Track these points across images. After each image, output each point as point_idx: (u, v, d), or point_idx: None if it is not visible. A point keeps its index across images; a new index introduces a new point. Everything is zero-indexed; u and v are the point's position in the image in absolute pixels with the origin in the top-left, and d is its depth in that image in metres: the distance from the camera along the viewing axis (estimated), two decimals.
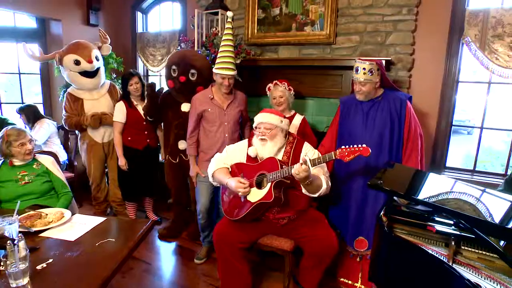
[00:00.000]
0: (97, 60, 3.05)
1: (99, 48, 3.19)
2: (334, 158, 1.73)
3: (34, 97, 4.38)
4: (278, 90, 2.57)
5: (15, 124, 3.65)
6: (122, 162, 2.90)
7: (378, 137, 2.15)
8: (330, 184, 1.95)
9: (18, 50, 4.02)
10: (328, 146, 2.38)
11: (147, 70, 4.61)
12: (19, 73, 4.12)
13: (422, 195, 1.57)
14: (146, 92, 2.77)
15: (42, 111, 3.93)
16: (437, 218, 1.48)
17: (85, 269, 1.32)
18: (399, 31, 2.70)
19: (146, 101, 2.84)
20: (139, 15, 4.47)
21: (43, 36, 4.01)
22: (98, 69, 3.04)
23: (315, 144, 2.60)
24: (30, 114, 3.44)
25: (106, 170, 3.31)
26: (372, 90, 2.13)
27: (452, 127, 2.86)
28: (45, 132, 3.40)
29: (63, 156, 3.58)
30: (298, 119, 2.64)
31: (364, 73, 2.08)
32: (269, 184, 1.86)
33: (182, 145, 2.74)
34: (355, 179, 2.20)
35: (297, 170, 1.71)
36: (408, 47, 2.70)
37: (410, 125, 2.13)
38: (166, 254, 2.76)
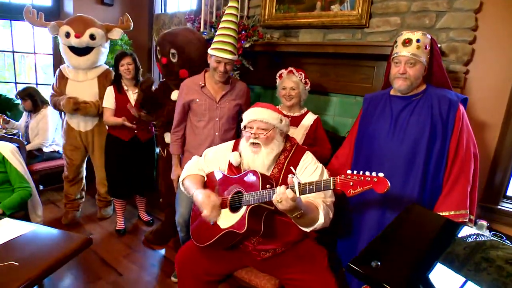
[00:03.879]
0: (92, 39, 2.71)
1: (109, 30, 2.85)
2: (332, 188, 1.18)
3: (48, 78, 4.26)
4: (292, 80, 2.06)
5: (19, 105, 3.53)
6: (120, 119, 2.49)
7: (410, 149, 1.53)
8: (331, 215, 1.41)
9: (34, 29, 3.89)
10: (344, 159, 1.82)
11: None
12: (35, 53, 4.01)
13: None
14: (140, 87, 2.40)
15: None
16: None
17: None
18: (456, 10, 2.01)
19: (138, 93, 2.47)
20: None
21: (57, 14, 3.83)
22: (90, 48, 2.71)
23: (328, 152, 2.05)
24: (32, 99, 3.18)
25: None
26: (420, 76, 1.52)
27: None
28: (52, 129, 3.22)
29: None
30: (309, 119, 2.10)
31: (418, 47, 1.48)
32: (243, 208, 1.37)
33: (167, 138, 2.35)
34: (368, 207, 1.62)
35: (279, 196, 1.19)
36: (467, 33, 2.00)
37: (460, 137, 1.48)
38: (144, 265, 2.39)
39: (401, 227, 1.17)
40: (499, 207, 2.09)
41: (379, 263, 0.83)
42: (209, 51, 1.93)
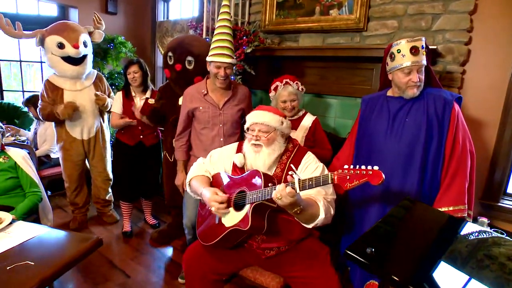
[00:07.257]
0: (85, 46, 2.69)
1: (91, 33, 2.84)
2: (330, 182, 1.23)
3: None
4: (289, 91, 2.05)
5: (27, 113, 3.62)
6: (122, 120, 2.60)
7: (407, 148, 1.58)
8: (332, 212, 1.45)
9: None
10: (345, 159, 1.86)
11: None
12: (41, 62, 4.11)
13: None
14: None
15: None
16: None
17: None
18: (451, 12, 2.07)
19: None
20: (160, 2, 4.24)
21: None
22: (84, 56, 2.69)
23: (329, 153, 2.10)
24: (36, 107, 3.25)
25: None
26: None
27: None
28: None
29: None
30: (308, 120, 2.14)
31: (423, 53, 1.55)
32: (247, 207, 1.42)
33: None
34: (370, 204, 1.67)
35: (278, 193, 1.24)
36: (462, 34, 2.06)
37: (456, 135, 1.53)
38: (151, 267, 2.44)
39: (401, 221, 1.21)
40: (499, 204, 2.12)
41: (373, 250, 0.87)
42: (208, 58, 1.97)
